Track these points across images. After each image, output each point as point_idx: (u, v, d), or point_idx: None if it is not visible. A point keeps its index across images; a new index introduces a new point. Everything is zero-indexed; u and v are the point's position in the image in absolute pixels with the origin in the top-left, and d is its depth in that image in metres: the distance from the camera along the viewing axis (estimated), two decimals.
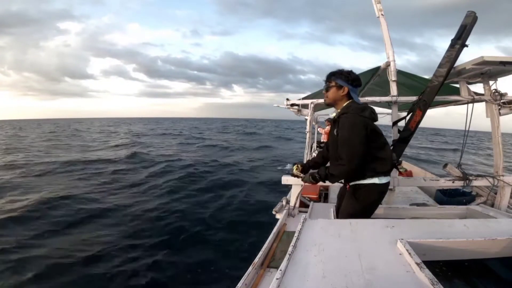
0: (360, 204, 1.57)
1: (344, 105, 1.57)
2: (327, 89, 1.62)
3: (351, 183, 1.60)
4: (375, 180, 1.52)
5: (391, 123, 2.23)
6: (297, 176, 1.78)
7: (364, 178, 1.54)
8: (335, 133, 1.56)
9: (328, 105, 1.69)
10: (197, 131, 34.97)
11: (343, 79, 1.55)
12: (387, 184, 1.59)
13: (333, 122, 1.62)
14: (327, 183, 1.66)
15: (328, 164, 1.72)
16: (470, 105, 2.15)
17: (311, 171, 1.75)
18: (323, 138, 6.75)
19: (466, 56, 1.83)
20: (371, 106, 1.59)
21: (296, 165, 1.79)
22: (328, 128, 6.31)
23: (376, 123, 1.57)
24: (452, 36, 1.92)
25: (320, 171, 1.61)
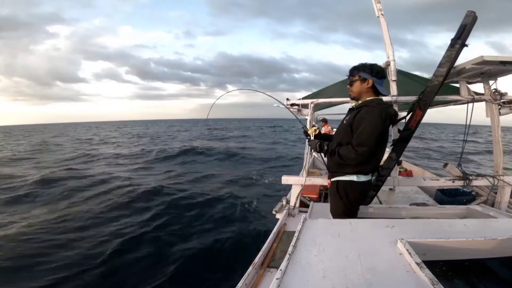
0: (345, 202, 1.59)
1: (368, 98, 1.56)
2: (351, 83, 1.61)
3: (332, 179, 1.64)
4: (353, 178, 1.55)
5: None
6: (308, 135, 1.83)
7: (344, 175, 1.57)
8: (346, 122, 1.57)
9: (353, 99, 1.68)
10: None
11: (366, 72, 1.54)
12: (367, 183, 1.61)
13: (349, 110, 1.64)
14: (326, 182, 1.67)
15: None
16: (470, 104, 2.15)
17: (319, 140, 1.73)
18: None
19: (461, 54, 1.85)
20: (394, 108, 1.60)
21: (315, 127, 1.83)
22: (325, 128, 6.32)
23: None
24: (442, 32, 1.95)
25: (330, 144, 1.61)
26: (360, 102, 1.58)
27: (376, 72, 1.54)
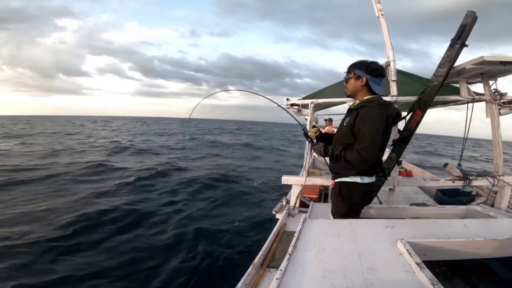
0: (347, 203, 1.57)
1: (365, 97, 1.52)
2: (346, 80, 1.59)
3: (336, 180, 1.61)
4: (357, 179, 1.52)
5: None
6: (309, 139, 1.73)
7: (347, 176, 1.55)
8: (346, 123, 1.54)
9: (348, 96, 1.65)
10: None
11: (362, 69, 1.51)
12: (371, 184, 1.58)
13: (348, 111, 1.60)
14: (328, 182, 1.66)
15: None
16: (470, 105, 2.15)
17: (323, 144, 1.67)
18: None
19: (462, 59, 1.84)
20: (396, 107, 1.55)
21: (315, 128, 1.73)
22: (327, 128, 6.33)
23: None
24: (447, 42, 1.92)
25: (335, 148, 1.55)
26: (358, 102, 1.55)
27: (371, 70, 1.50)
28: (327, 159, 1.74)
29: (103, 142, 17.24)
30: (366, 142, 1.39)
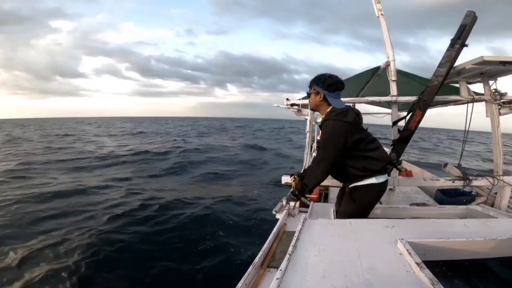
0: (358, 205, 1.57)
1: (327, 110, 1.56)
2: (308, 95, 1.65)
3: (350, 185, 1.60)
4: (373, 180, 1.52)
5: (391, 123, 2.23)
6: (295, 196, 1.65)
7: (362, 180, 1.53)
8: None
9: (312, 110, 1.72)
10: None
11: (319, 85, 1.55)
12: (385, 183, 1.59)
13: (320, 127, 1.63)
14: (327, 183, 1.66)
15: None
16: (470, 104, 2.15)
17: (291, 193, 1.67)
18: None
19: (461, 56, 1.85)
20: (355, 108, 1.58)
21: (293, 176, 1.69)
22: None
23: (376, 122, 1.57)
24: (444, 36, 1.93)
25: (297, 185, 1.60)
26: (324, 116, 1.59)
27: (327, 86, 1.52)
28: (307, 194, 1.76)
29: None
30: (319, 153, 1.48)
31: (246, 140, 20.74)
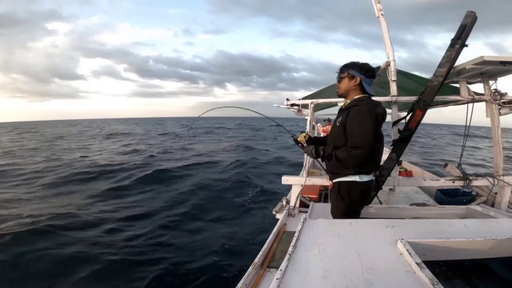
0: (345, 202, 1.58)
1: (356, 97, 1.56)
2: (339, 80, 1.62)
3: (334, 180, 1.62)
4: (356, 178, 1.54)
5: (391, 123, 2.23)
6: (300, 143, 1.75)
7: (345, 175, 1.55)
8: (339, 123, 1.55)
9: (340, 96, 1.68)
10: None
11: (356, 69, 1.55)
12: (369, 183, 1.60)
13: (340, 111, 1.62)
14: (327, 182, 1.66)
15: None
16: (470, 105, 2.15)
17: (314, 146, 1.69)
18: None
19: (461, 55, 1.85)
20: (383, 106, 1.57)
21: (304, 133, 1.77)
22: (328, 127, 6.33)
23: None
24: (441, 33, 1.94)
25: (326, 148, 1.59)
26: (349, 101, 1.58)
27: (365, 71, 1.55)
28: (324, 161, 1.76)
29: None
30: (357, 139, 1.43)
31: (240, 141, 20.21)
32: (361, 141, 1.42)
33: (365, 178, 1.56)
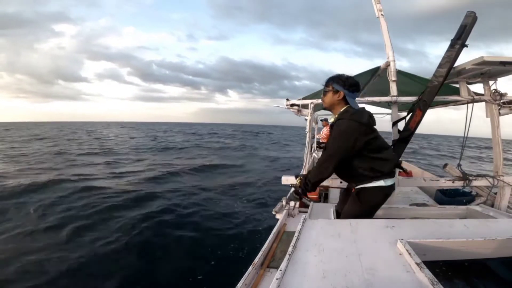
0: (364, 207, 1.56)
1: (341, 110, 1.56)
2: (324, 93, 1.63)
3: (357, 186, 1.59)
4: (381, 183, 1.52)
5: (391, 123, 2.23)
6: (299, 194, 1.70)
7: (370, 181, 1.53)
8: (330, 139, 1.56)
9: (325, 109, 1.70)
10: None
11: (340, 84, 1.55)
12: (392, 186, 1.58)
13: (331, 127, 1.62)
14: (327, 183, 1.65)
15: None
16: (470, 105, 2.15)
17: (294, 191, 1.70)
18: (322, 139, 6.75)
19: (461, 59, 1.85)
20: (368, 111, 1.57)
21: (299, 177, 1.72)
22: (327, 128, 6.34)
23: (376, 122, 1.57)
24: (442, 42, 1.93)
25: (301, 184, 1.59)
26: (336, 116, 1.58)
27: (349, 85, 1.54)
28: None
29: None
30: (326, 151, 1.48)
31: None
32: (326, 156, 1.47)
33: (389, 181, 1.54)
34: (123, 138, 27.48)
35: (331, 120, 1.65)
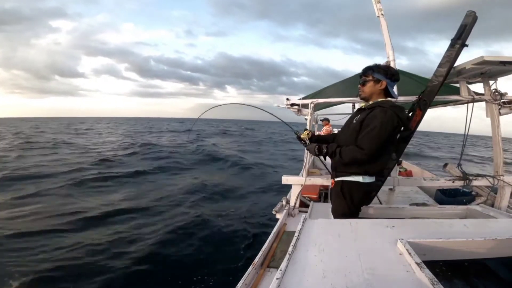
0: (347, 202, 1.57)
1: (379, 100, 1.55)
2: (363, 83, 1.59)
3: (336, 179, 1.61)
4: (359, 179, 1.53)
5: None
6: (303, 140, 1.75)
7: (349, 175, 1.54)
8: (356, 121, 1.54)
9: (363, 99, 1.66)
10: None
11: (381, 73, 1.53)
12: (371, 184, 1.58)
13: (359, 110, 1.61)
14: (326, 182, 1.65)
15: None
16: (470, 104, 2.15)
17: (317, 144, 1.69)
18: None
19: (461, 58, 1.85)
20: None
21: (307, 131, 1.76)
22: (326, 128, 6.32)
23: None
24: (442, 40, 1.93)
25: (329, 146, 1.58)
26: (371, 102, 1.56)
27: (391, 75, 1.53)
28: (327, 159, 1.75)
29: None
30: (370, 137, 1.41)
31: None
32: (373, 140, 1.40)
33: (368, 179, 1.54)
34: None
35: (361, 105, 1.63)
